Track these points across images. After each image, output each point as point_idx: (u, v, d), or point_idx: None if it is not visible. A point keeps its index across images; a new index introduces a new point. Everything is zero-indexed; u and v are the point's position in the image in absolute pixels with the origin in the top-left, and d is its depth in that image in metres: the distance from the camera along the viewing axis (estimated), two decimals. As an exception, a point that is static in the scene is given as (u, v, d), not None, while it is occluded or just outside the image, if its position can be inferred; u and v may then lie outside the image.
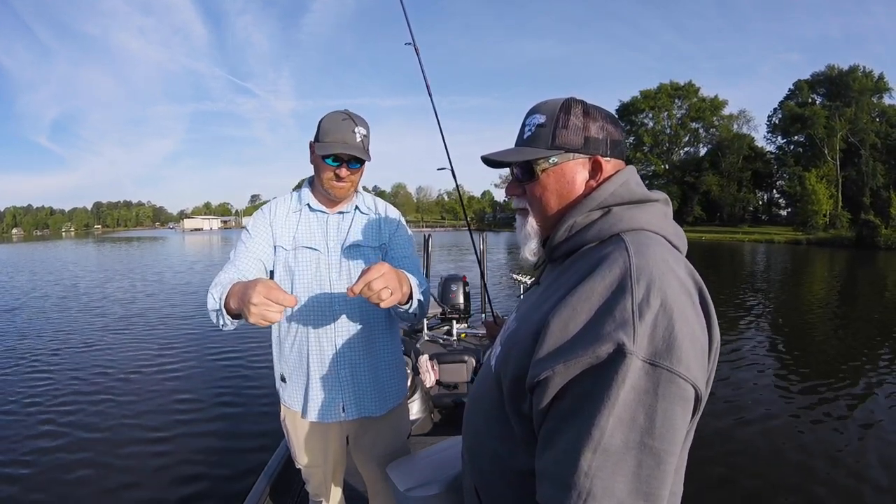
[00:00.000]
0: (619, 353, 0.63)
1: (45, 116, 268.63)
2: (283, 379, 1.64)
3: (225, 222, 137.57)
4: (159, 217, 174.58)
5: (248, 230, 1.58)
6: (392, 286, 1.20)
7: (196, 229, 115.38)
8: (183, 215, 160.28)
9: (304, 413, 1.60)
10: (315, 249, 1.56)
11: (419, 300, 1.45)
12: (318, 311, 1.55)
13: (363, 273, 1.17)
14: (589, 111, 0.88)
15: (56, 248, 49.05)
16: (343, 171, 1.50)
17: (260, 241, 1.56)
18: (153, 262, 26.84)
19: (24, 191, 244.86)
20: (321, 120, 1.51)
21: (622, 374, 0.63)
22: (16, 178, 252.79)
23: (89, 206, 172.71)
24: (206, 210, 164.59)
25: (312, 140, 1.53)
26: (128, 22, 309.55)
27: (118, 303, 12.82)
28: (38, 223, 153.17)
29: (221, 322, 1.33)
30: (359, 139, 1.48)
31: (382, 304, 1.19)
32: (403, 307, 1.39)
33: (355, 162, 1.51)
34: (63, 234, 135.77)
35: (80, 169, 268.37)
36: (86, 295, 14.49)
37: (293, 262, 1.56)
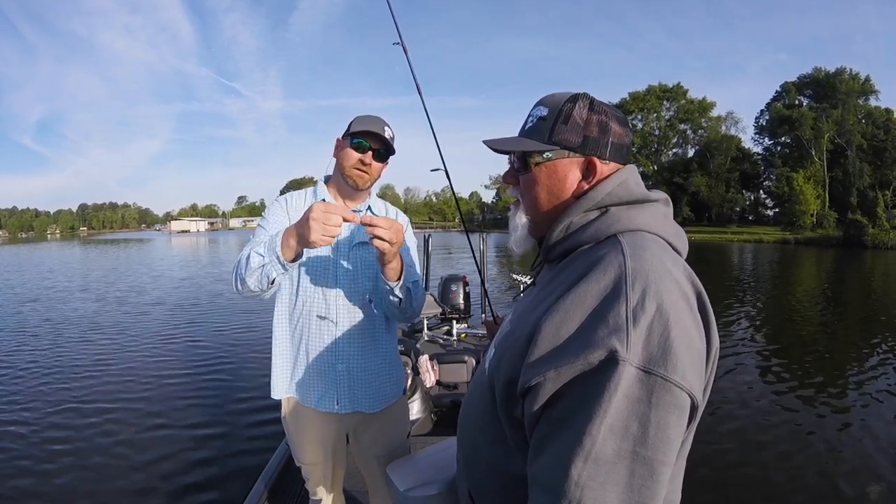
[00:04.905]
0: (612, 360, 0.62)
1: (30, 117, 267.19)
2: (281, 367, 1.65)
3: (212, 224, 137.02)
4: (145, 219, 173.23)
5: (266, 218, 1.65)
6: (395, 241, 1.33)
7: (183, 231, 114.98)
8: (169, 217, 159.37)
9: (300, 401, 1.63)
10: None
11: (408, 288, 1.53)
12: (323, 303, 1.59)
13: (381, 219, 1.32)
14: (595, 109, 0.83)
15: (47, 249, 48.50)
16: (368, 158, 1.58)
17: (279, 227, 1.57)
18: (149, 263, 26.60)
19: (8, 192, 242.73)
20: (353, 119, 1.62)
21: (615, 381, 0.61)
22: (0, 179, 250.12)
23: (74, 208, 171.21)
24: (193, 212, 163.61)
25: (340, 137, 1.63)
26: (114, 20, 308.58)
27: (120, 301, 12.70)
28: (24, 225, 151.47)
29: (272, 275, 1.36)
30: (388, 135, 1.59)
31: (378, 245, 1.31)
32: (391, 283, 1.46)
33: (381, 153, 1.60)
34: (48, 236, 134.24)
35: (65, 170, 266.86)
36: (84, 292, 14.47)
37: (305, 252, 1.56)
